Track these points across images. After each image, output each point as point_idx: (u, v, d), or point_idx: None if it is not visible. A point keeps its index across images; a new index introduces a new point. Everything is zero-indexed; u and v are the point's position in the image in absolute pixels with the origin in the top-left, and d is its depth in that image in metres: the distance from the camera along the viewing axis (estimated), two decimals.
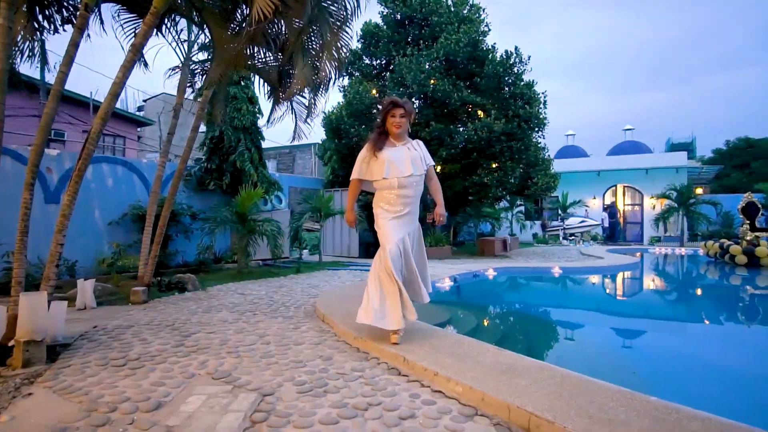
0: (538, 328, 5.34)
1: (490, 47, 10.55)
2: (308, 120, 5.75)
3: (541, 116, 10.44)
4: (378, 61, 11.96)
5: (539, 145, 11.34)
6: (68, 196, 3.02)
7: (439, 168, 11.81)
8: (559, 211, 20.20)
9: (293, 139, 5.81)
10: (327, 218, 9.37)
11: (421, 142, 3.41)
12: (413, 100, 11.21)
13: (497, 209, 16.84)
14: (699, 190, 20.55)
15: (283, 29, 4.04)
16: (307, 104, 5.62)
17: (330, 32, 3.87)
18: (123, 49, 5.20)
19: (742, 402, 2.94)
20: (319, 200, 9.03)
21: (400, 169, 3.18)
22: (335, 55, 3.93)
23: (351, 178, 3.38)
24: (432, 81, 10.32)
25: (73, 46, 3.32)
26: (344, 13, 3.94)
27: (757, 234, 10.64)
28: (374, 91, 11.09)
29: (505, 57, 10.27)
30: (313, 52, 4.11)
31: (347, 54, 4.46)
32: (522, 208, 20.27)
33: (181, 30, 5.89)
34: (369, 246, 12.34)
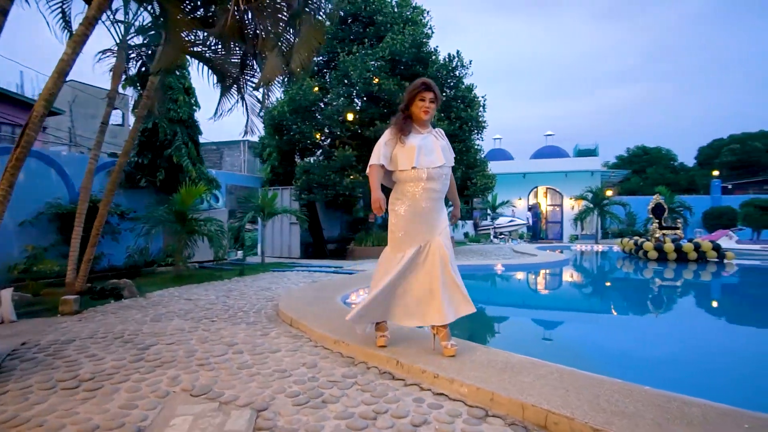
0: (495, 322, 5.50)
1: (433, 50, 10.76)
2: (261, 114, 5.45)
3: (480, 119, 10.83)
4: (320, 58, 11.69)
5: (477, 147, 11.77)
6: (2, 190, 2.56)
7: None
8: (489, 211, 21.19)
9: (245, 133, 5.48)
10: (270, 218, 8.98)
11: (442, 131, 3.06)
12: (356, 99, 11.11)
13: None
14: (609, 192, 22.59)
15: (250, 15, 3.75)
16: (260, 97, 5.32)
17: (302, 20, 3.67)
18: (48, 24, 4.59)
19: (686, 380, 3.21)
20: (263, 199, 8.61)
21: (430, 159, 2.81)
22: (310, 43, 3.73)
23: (370, 164, 2.87)
24: (376, 80, 10.29)
25: (2, 14, 2.83)
26: (318, 2, 3.76)
27: (664, 232, 11.90)
28: (316, 88, 10.83)
29: (447, 60, 10.52)
30: (284, 41, 3.88)
31: (321, 45, 4.27)
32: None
33: (117, 9, 5.31)
34: (308, 246, 12.05)
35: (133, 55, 6.00)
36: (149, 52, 6.05)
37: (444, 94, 10.83)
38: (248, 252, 11.61)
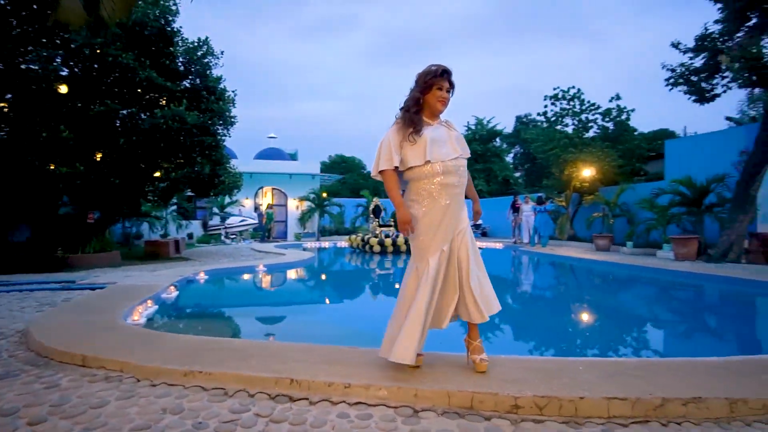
0: (282, 316, 5.56)
1: (178, 30, 9.50)
2: None
3: (230, 114, 10.26)
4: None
5: (223, 143, 11.11)
6: None
7: (99, 156, 9.67)
8: (215, 210, 20.19)
9: None
10: None
11: (451, 121, 2.72)
12: (76, 69, 8.72)
13: (154, 207, 15.22)
14: (324, 194, 25.20)
15: None
16: None
17: None
18: None
19: None
20: None
21: (444, 151, 2.52)
22: None
23: (381, 170, 2.52)
24: (98, 51, 8.34)
25: None
26: None
27: (382, 229, 14.27)
28: None
29: (196, 44, 9.53)
30: None
31: None
32: (175, 206, 18.99)
33: None
34: None
35: None
36: None
37: (191, 81, 9.80)
38: None
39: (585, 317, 5.80)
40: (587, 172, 15.38)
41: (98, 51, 8.46)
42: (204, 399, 2.39)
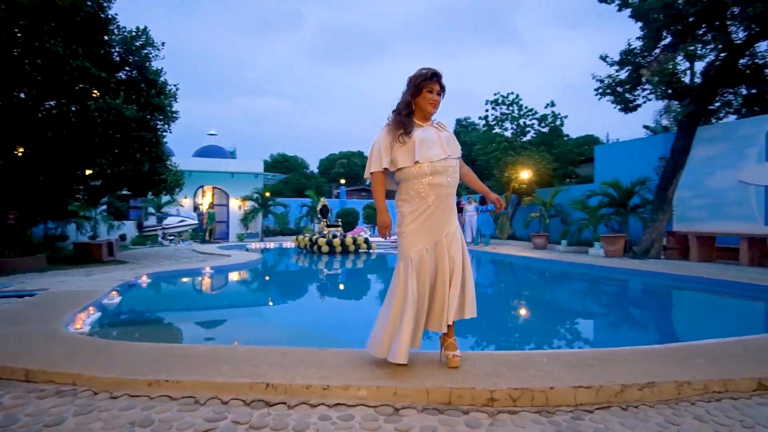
0: (236, 319, 5.44)
1: (113, 17, 8.86)
2: None
3: (171, 109, 9.74)
4: None
5: (164, 140, 10.51)
6: None
7: (21, 150, 8.83)
8: (151, 210, 19.06)
9: None
10: None
11: (443, 123, 2.77)
12: None
13: (83, 207, 14.11)
14: (267, 194, 24.56)
15: None
16: None
17: None
18: None
19: None
20: None
21: (433, 152, 2.56)
22: None
23: (371, 171, 2.62)
24: (19, 35, 7.62)
25: None
26: None
27: (330, 229, 14.17)
28: None
29: (135, 33, 8.93)
30: None
31: None
32: (105, 206, 17.67)
33: None
34: None
35: None
36: None
37: (127, 72, 9.19)
38: None
39: (529, 312, 6.13)
40: (525, 175, 16.22)
41: (19, 35, 7.74)
42: (174, 409, 2.29)
